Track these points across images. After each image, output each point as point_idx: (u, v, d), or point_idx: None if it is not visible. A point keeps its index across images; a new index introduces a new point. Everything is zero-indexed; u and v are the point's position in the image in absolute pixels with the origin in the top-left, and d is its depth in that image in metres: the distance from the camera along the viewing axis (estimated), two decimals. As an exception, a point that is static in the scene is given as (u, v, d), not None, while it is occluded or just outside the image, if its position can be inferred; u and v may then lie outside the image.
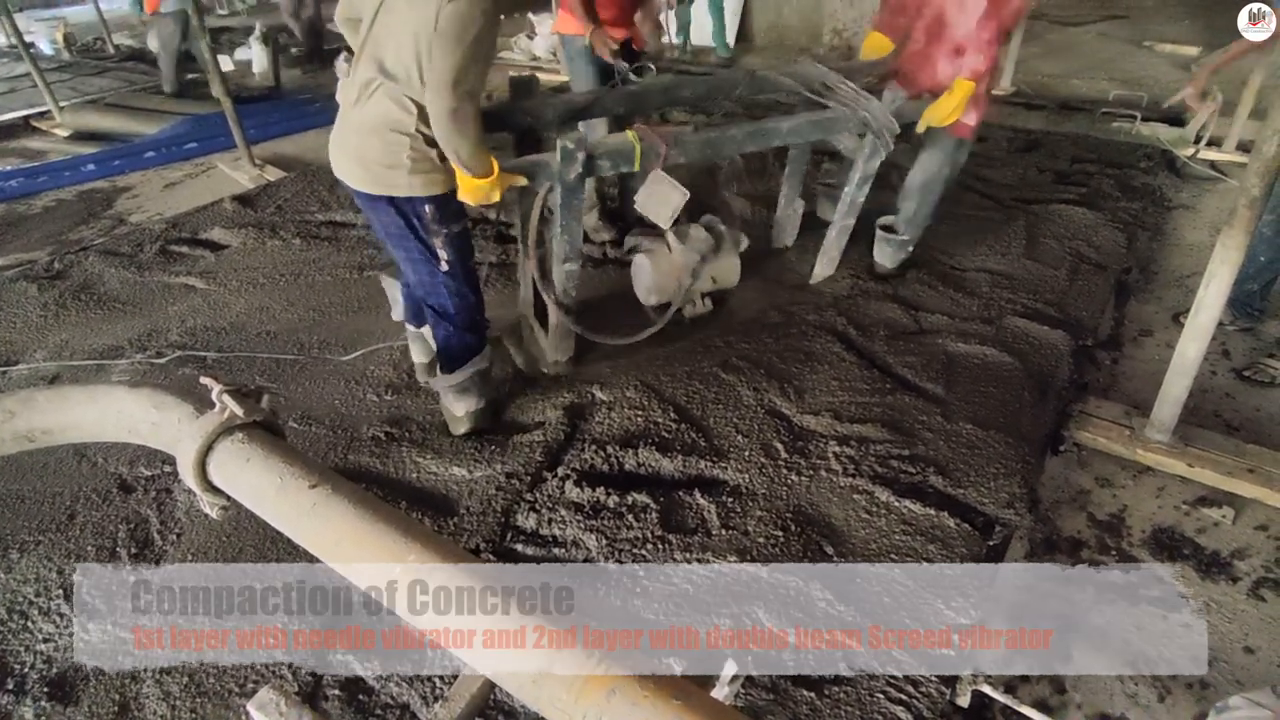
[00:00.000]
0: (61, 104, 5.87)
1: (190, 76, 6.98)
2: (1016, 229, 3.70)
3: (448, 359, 2.36)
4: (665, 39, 4.24)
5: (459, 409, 2.45)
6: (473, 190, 2.04)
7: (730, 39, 7.54)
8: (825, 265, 3.27)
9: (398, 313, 2.69)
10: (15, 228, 4.28)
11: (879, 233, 3.25)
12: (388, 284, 2.74)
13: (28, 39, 6.24)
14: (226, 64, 7.33)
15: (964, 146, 3.09)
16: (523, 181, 2.18)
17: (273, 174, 4.79)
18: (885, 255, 3.30)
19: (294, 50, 7.80)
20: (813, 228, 3.48)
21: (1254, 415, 2.56)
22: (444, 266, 2.16)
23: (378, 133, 1.97)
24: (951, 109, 2.72)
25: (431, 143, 1.98)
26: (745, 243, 3.07)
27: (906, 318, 3.05)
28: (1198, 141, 4.47)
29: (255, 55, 7.11)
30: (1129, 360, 2.88)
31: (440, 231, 2.10)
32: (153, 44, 8.36)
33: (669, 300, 2.77)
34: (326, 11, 8.38)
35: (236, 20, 10.50)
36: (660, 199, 2.47)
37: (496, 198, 2.09)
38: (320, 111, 6.00)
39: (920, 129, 2.84)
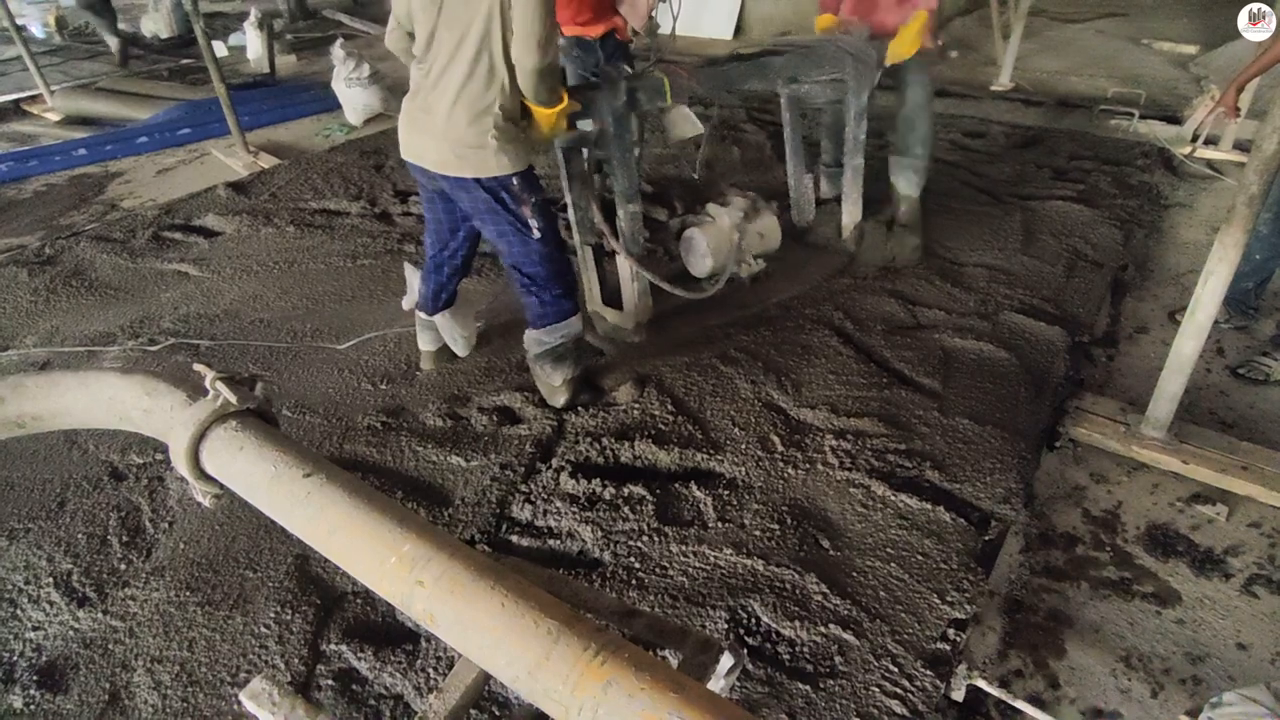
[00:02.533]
0: (53, 88, 5.82)
1: (184, 63, 6.93)
2: (1014, 225, 3.70)
3: (539, 316, 2.41)
4: (657, 29, 4.20)
5: (556, 378, 2.48)
6: (546, 119, 2.14)
7: (729, 28, 7.53)
8: (849, 211, 3.37)
9: (409, 301, 2.71)
10: (5, 212, 4.24)
11: (894, 160, 3.41)
12: (409, 272, 2.76)
13: (19, 22, 6.18)
14: (221, 50, 7.28)
15: (932, 66, 3.34)
16: (578, 107, 2.29)
17: (267, 161, 4.76)
18: (908, 182, 3.42)
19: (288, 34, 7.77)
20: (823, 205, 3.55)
21: (1248, 413, 2.57)
22: (536, 234, 2.23)
23: (464, 115, 2.04)
24: (912, 38, 2.94)
25: (510, 116, 2.08)
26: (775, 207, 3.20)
27: (904, 312, 3.05)
28: (1195, 140, 4.48)
29: (250, 42, 7.06)
30: (1125, 357, 2.88)
31: (528, 201, 2.18)
32: (145, 28, 8.31)
33: (722, 266, 2.89)
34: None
35: (231, 6, 10.42)
36: (684, 122, 2.64)
37: (564, 125, 2.23)
38: (315, 99, 5.96)
39: (889, 62, 3.03)
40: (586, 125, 2.44)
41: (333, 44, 5.54)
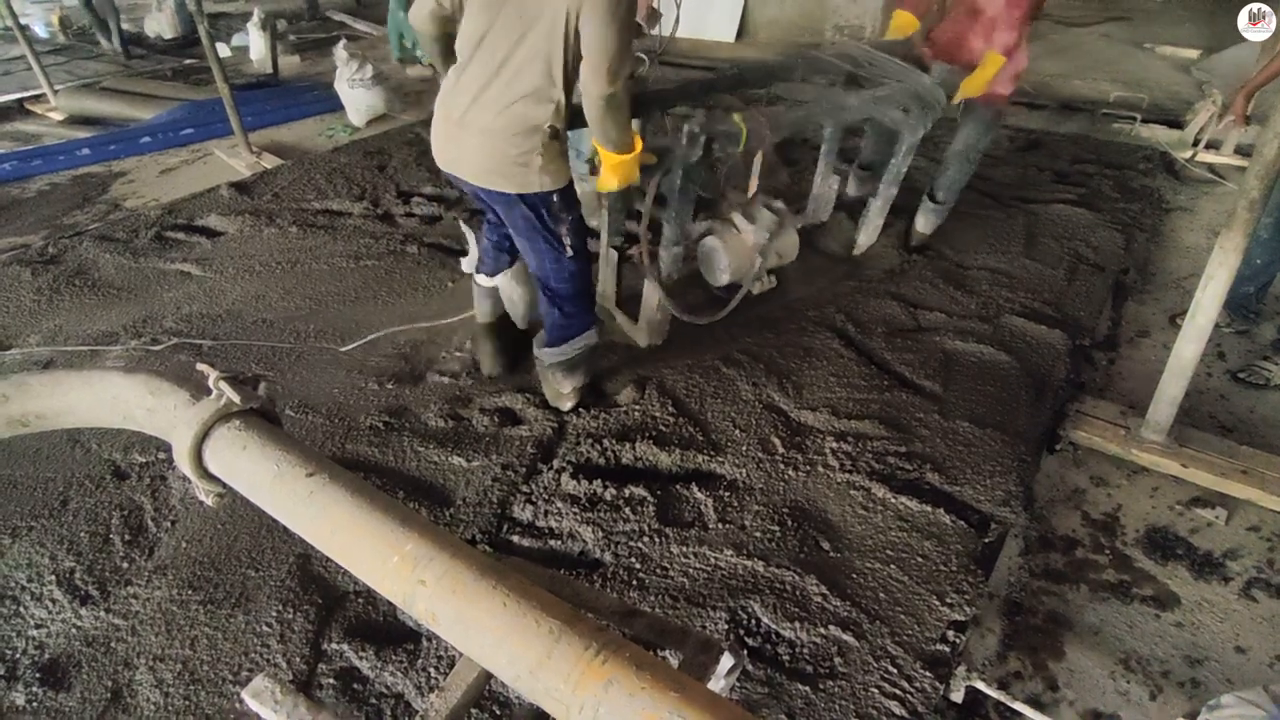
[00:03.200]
0: (56, 87, 5.82)
1: (188, 63, 6.94)
2: (1016, 228, 3.70)
3: (559, 336, 2.39)
4: (657, 30, 4.18)
5: (566, 385, 2.50)
6: (616, 167, 2.06)
7: (732, 31, 7.53)
8: (868, 234, 3.42)
9: (469, 263, 2.64)
10: (9, 211, 4.25)
11: (923, 203, 3.48)
12: (467, 232, 2.68)
13: (23, 21, 6.18)
14: (224, 50, 7.30)
15: (1000, 117, 3.26)
16: (652, 159, 2.23)
17: (270, 161, 4.76)
18: (926, 223, 3.52)
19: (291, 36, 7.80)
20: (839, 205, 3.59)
21: (1248, 417, 2.57)
22: (569, 252, 2.20)
23: (509, 132, 1.95)
24: (984, 81, 2.86)
25: (557, 135, 1.99)
26: (800, 221, 3.19)
27: (905, 315, 3.05)
28: (1197, 144, 4.48)
29: (253, 42, 7.07)
30: (1125, 361, 2.88)
31: (565, 219, 2.14)
32: (149, 28, 8.33)
33: (740, 279, 2.82)
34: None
35: (234, 7, 10.44)
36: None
37: (637, 176, 2.13)
38: (318, 99, 5.96)
39: (955, 100, 2.96)
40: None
41: (336, 45, 5.56)
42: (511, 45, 1.87)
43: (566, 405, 2.55)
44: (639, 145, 2.06)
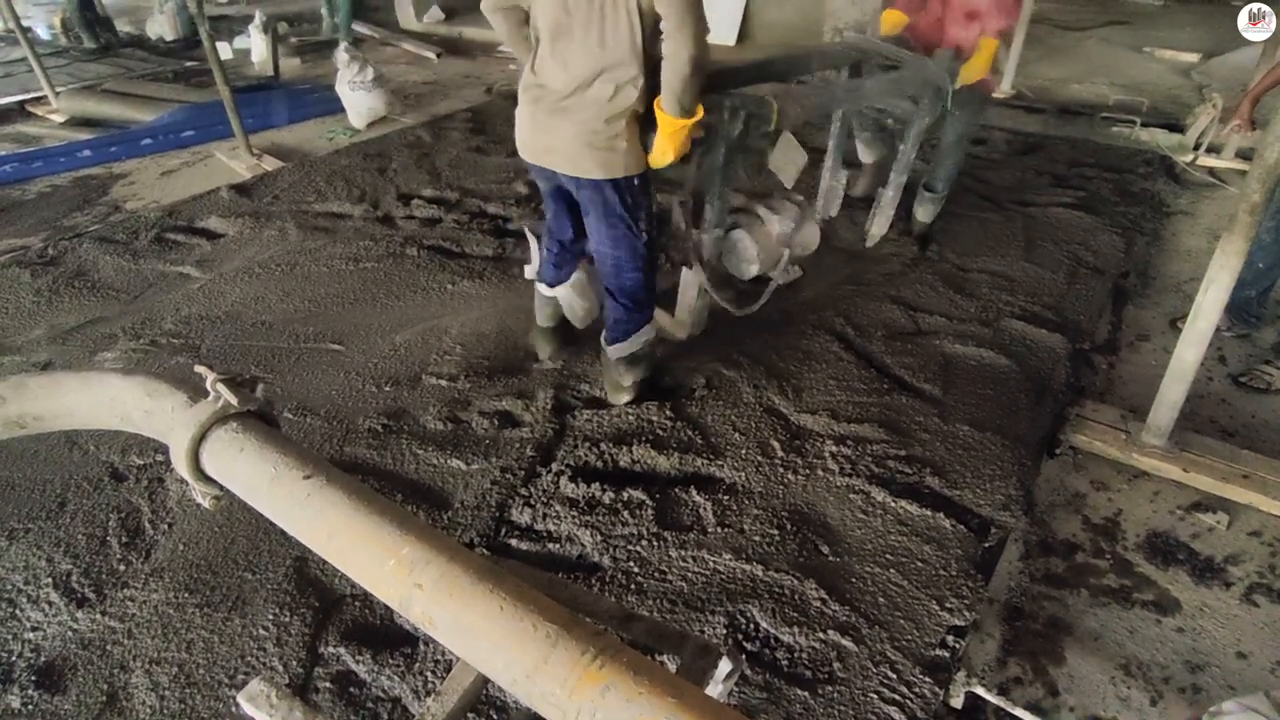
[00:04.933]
0: (58, 89, 5.83)
1: (189, 65, 6.95)
2: (1015, 231, 3.70)
3: (625, 331, 2.44)
4: None
5: (628, 379, 2.54)
6: (674, 133, 2.08)
7: (733, 34, 7.55)
8: (880, 224, 3.45)
9: (531, 270, 2.71)
10: (9, 213, 4.25)
11: (920, 193, 3.55)
12: (531, 239, 2.76)
13: (25, 23, 6.19)
14: (225, 53, 7.30)
15: (988, 100, 3.38)
16: (700, 132, 2.24)
17: (270, 164, 4.77)
18: (925, 213, 3.62)
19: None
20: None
21: (1249, 421, 2.56)
22: (644, 237, 2.27)
23: (602, 118, 2.04)
24: (984, 66, 2.97)
25: (638, 119, 2.08)
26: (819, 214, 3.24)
27: (905, 318, 3.05)
28: (1197, 148, 4.48)
29: (254, 44, 7.08)
30: (1126, 365, 2.88)
31: (644, 204, 2.23)
32: (151, 30, 8.35)
33: (766, 271, 2.84)
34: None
35: (235, 9, 10.45)
36: (790, 159, 2.63)
37: (688, 146, 2.17)
38: (319, 102, 5.97)
39: (956, 86, 3.00)
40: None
41: (336, 48, 5.56)
42: (595, 36, 1.96)
43: (624, 399, 2.58)
44: (700, 111, 2.09)
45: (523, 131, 2.22)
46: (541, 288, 2.66)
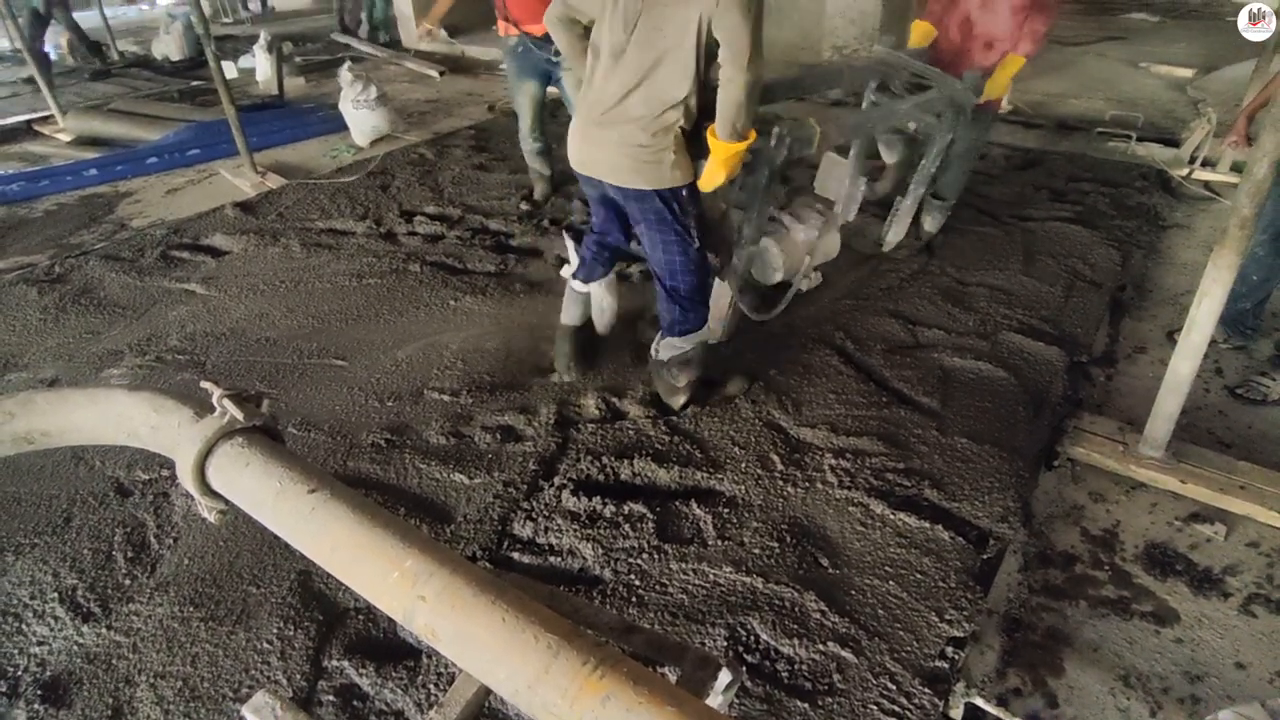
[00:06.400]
0: (65, 109, 5.89)
1: (194, 84, 7.02)
2: (1013, 245, 3.73)
3: (681, 330, 2.48)
4: None
5: (681, 379, 2.57)
6: (728, 159, 2.15)
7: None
8: (897, 231, 3.57)
9: (568, 270, 2.77)
10: (16, 231, 4.29)
11: (928, 201, 3.66)
12: (568, 241, 2.85)
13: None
14: (231, 72, 7.39)
15: (996, 114, 3.62)
16: (748, 157, 2.30)
17: (274, 181, 4.81)
18: (933, 222, 3.76)
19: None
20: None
21: (1246, 433, 2.58)
22: (695, 245, 2.32)
23: (647, 133, 2.10)
24: (1005, 82, 3.12)
25: (685, 134, 2.15)
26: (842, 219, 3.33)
27: (904, 332, 3.07)
28: (1192, 162, 4.51)
29: (259, 64, 7.16)
30: (1123, 377, 2.90)
31: (692, 212, 2.28)
32: (157, 50, 8.44)
33: (790, 278, 2.90)
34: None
35: (241, 29, 10.57)
36: (836, 179, 2.76)
37: (739, 169, 2.24)
38: (322, 120, 6.03)
39: (981, 100, 3.15)
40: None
41: (340, 67, 5.63)
42: (652, 56, 2.04)
43: (679, 401, 2.62)
44: (753, 135, 2.16)
45: (572, 141, 2.30)
46: (575, 284, 2.72)
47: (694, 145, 2.20)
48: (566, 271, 2.78)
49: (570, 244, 2.83)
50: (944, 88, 3.05)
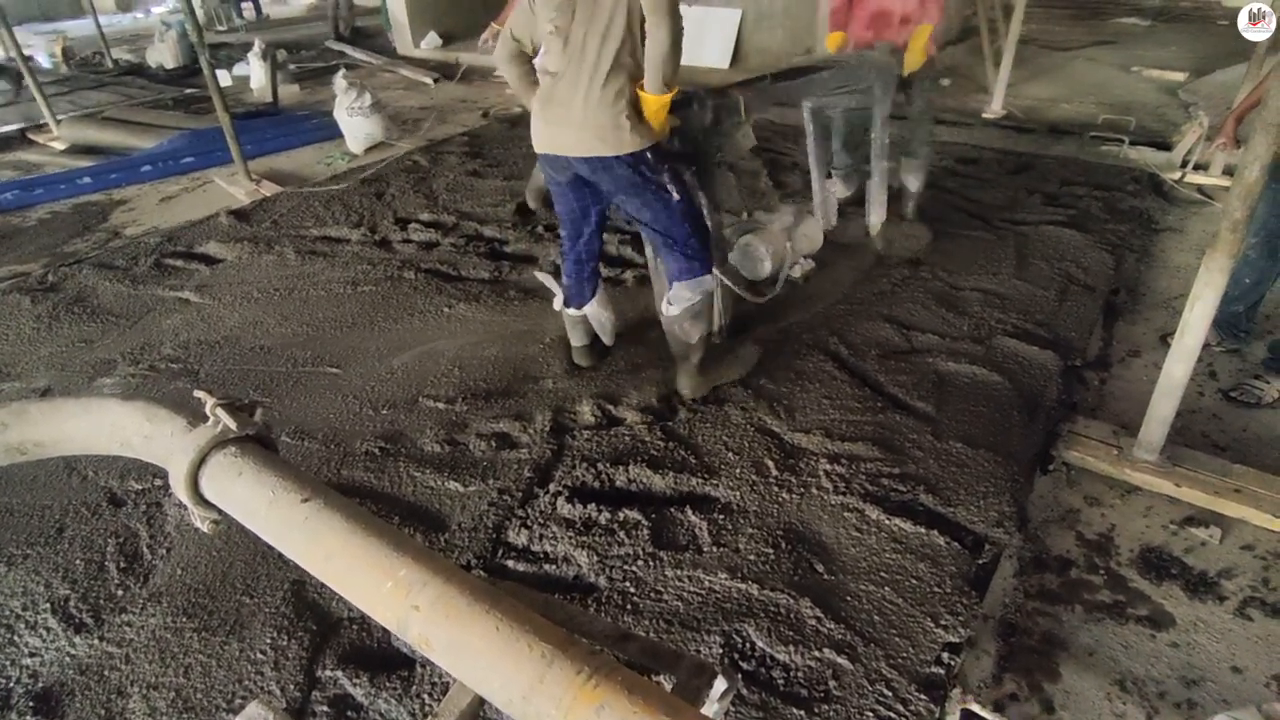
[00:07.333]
0: (58, 117, 5.89)
1: (189, 92, 7.02)
2: (1007, 249, 3.74)
3: (687, 277, 2.54)
4: None
5: (694, 334, 2.61)
6: (657, 110, 2.31)
7: (726, 58, 7.71)
8: (878, 213, 3.61)
9: (559, 303, 2.85)
10: (9, 240, 4.28)
11: (904, 161, 3.81)
12: (545, 279, 2.96)
13: (26, 52, 6.26)
14: (225, 80, 7.39)
15: (935, 65, 3.75)
16: (677, 121, 2.46)
17: (269, 189, 4.81)
18: (916, 179, 3.87)
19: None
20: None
21: (1240, 436, 2.58)
22: (675, 198, 2.42)
23: (608, 104, 2.27)
24: (921, 50, 3.33)
25: (635, 100, 2.31)
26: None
27: (898, 337, 3.07)
28: (1184, 165, 4.54)
29: (253, 71, 7.17)
30: (1117, 380, 2.91)
31: (662, 170, 2.39)
32: (151, 58, 8.44)
33: (778, 268, 3.02)
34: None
35: (235, 37, 10.58)
36: (746, 138, 2.82)
37: (667, 127, 2.40)
38: (317, 128, 6.03)
39: (905, 73, 3.36)
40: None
41: (335, 74, 5.63)
42: (597, 48, 2.23)
43: (694, 358, 2.67)
44: (675, 90, 2.31)
45: (538, 129, 2.41)
46: (570, 312, 2.82)
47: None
48: (558, 304, 2.86)
49: (548, 281, 2.91)
50: (858, 61, 3.28)
